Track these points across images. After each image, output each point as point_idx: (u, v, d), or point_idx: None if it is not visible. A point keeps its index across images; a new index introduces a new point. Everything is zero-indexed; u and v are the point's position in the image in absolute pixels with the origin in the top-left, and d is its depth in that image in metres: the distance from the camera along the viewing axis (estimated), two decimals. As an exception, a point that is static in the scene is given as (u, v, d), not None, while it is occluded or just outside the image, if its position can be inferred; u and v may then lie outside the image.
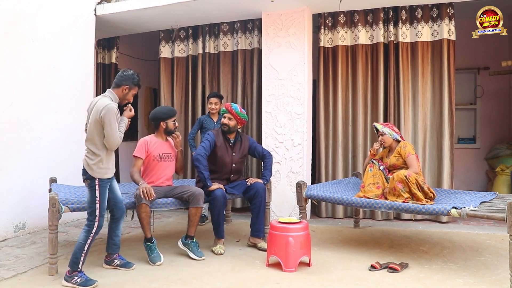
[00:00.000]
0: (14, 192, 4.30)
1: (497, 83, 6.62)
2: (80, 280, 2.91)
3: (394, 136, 3.97)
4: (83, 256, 2.96)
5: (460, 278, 3.04)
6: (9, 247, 3.93)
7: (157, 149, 3.76)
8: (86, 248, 2.97)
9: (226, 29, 5.73)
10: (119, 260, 3.33)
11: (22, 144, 4.41)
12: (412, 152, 3.81)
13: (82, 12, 5.20)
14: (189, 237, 3.64)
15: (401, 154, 3.85)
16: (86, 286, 2.89)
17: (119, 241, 3.35)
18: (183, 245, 3.67)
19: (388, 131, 3.97)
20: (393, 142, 3.99)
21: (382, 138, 4.01)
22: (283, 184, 5.08)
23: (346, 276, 3.13)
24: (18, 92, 4.39)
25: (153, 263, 3.41)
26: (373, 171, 3.88)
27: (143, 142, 3.75)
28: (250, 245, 3.94)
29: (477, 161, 6.74)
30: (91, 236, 2.98)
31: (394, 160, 3.89)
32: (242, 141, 4.05)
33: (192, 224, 3.60)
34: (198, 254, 3.57)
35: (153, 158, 3.74)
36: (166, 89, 6.06)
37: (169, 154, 3.83)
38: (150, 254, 3.47)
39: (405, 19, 5.02)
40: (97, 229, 2.99)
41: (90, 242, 2.99)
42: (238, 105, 3.97)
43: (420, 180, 3.52)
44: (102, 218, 3.02)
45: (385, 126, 4.02)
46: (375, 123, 4.13)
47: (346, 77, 5.27)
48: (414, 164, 3.75)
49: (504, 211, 2.88)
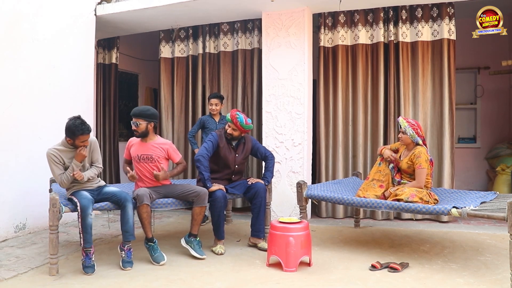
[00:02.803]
0: (14, 192, 4.30)
1: (497, 82, 6.62)
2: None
3: (415, 140, 3.72)
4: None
5: (461, 278, 3.04)
6: (10, 247, 3.93)
7: (136, 150, 3.73)
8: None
9: (226, 29, 5.73)
10: (125, 254, 3.34)
11: (22, 144, 4.41)
12: (424, 165, 3.59)
13: (82, 12, 5.19)
14: (193, 235, 3.66)
15: (413, 162, 3.68)
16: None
17: (129, 228, 3.34)
18: (186, 243, 3.68)
19: (411, 133, 3.68)
20: (411, 143, 3.77)
21: (402, 136, 3.76)
22: (284, 184, 5.08)
23: (346, 276, 3.12)
24: (18, 92, 4.39)
25: (157, 263, 3.41)
26: (382, 167, 3.84)
27: (127, 143, 3.86)
28: (251, 245, 3.93)
29: (477, 161, 6.74)
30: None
31: (406, 166, 3.75)
32: (245, 142, 4.05)
33: (195, 223, 3.63)
34: (199, 252, 3.59)
35: (134, 159, 3.75)
36: (166, 89, 6.05)
37: (148, 155, 3.68)
38: (153, 254, 3.47)
39: (405, 19, 5.01)
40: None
41: (81, 221, 3.19)
42: (243, 115, 3.84)
43: (424, 195, 3.47)
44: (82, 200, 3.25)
45: (410, 126, 3.69)
46: (401, 119, 3.77)
47: (346, 77, 5.27)
48: (421, 179, 3.60)
49: (504, 211, 2.87)
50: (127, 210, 3.36)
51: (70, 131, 3.29)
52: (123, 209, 3.38)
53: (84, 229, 3.17)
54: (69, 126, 3.29)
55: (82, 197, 3.25)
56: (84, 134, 3.31)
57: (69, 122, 3.31)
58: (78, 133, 3.28)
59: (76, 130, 3.28)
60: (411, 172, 3.74)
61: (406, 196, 3.45)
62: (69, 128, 3.29)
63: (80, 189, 3.38)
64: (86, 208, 3.18)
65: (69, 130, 3.29)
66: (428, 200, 3.45)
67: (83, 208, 3.17)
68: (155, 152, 3.70)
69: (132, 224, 3.37)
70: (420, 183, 3.61)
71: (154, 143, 3.73)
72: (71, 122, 3.30)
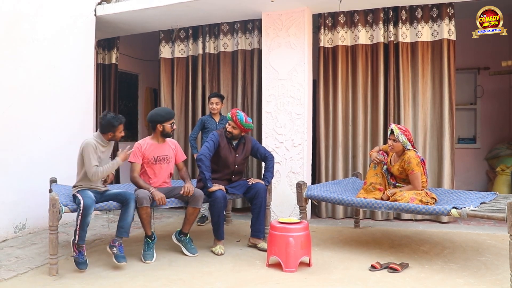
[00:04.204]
0: (14, 193, 4.30)
1: (497, 83, 6.62)
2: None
3: (406, 146, 3.71)
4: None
5: (461, 278, 3.04)
6: (10, 247, 3.92)
7: (152, 152, 3.75)
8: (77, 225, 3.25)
9: (226, 29, 5.73)
10: (117, 250, 3.33)
11: (22, 144, 4.41)
12: (416, 169, 3.60)
13: (82, 13, 5.20)
14: (183, 233, 3.69)
15: (404, 169, 3.69)
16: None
17: (126, 225, 3.38)
18: (177, 241, 3.72)
19: (403, 139, 3.67)
20: (401, 149, 3.75)
21: (393, 144, 3.72)
22: (284, 184, 5.08)
23: (346, 276, 3.12)
24: (18, 92, 4.39)
25: (143, 260, 3.45)
26: (377, 170, 3.84)
27: (138, 146, 3.76)
28: (250, 245, 3.93)
29: (477, 161, 6.74)
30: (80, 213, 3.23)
31: (397, 173, 3.76)
32: (245, 143, 4.05)
33: (187, 222, 3.66)
34: (191, 251, 3.64)
35: (148, 161, 3.74)
36: (166, 90, 6.05)
37: (165, 156, 3.79)
38: (145, 250, 3.51)
39: (405, 19, 5.01)
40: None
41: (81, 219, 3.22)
42: (243, 114, 3.86)
43: (423, 196, 3.48)
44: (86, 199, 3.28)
45: (402, 133, 3.69)
46: (393, 126, 3.75)
47: (346, 77, 5.27)
48: (416, 184, 3.61)
49: (504, 211, 2.87)
50: (129, 208, 3.40)
51: (110, 125, 3.44)
52: (125, 206, 3.42)
53: (81, 227, 3.21)
54: (109, 120, 3.43)
55: (87, 196, 3.29)
56: (122, 123, 3.51)
57: (105, 118, 3.44)
58: (117, 124, 3.45)
59: (115, 121, 3.44)
60: (404, 177, 3.75)
61: (406, 201, 3.46)
62: (109, 121, 3.43)
63: (87, 189, 3.43)
64: (89, 207, 3.22)
65: (110, 124, 3.44)
66: (427, 201, 3.45)
67: (86, 207, 3.21)
68: (169, 153, 3.84)
69: (129, 222, 3.40)
70: (417, 188, 3.62)
71: (166, 143, 3.85)
72: (108, 116, 3.44)
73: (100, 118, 3.50)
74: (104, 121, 3.44)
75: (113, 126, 3.44)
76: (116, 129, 3.47)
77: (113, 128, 3.45)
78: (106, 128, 3.46)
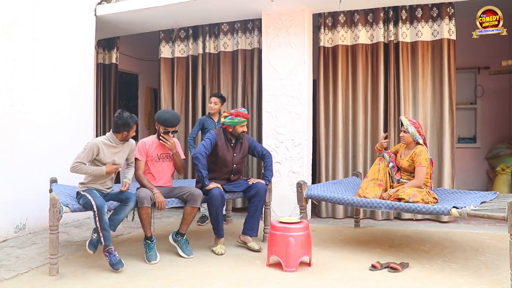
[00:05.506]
0: (14, 193, 4.30)
1: (498, 82, 6.61)
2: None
3: (416, 138, 3.75)
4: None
5: (461, 278, 3.04)
6: (10, 247, 3.93)
7: (155, 149, 3.78)
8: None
9: (226, 29, 5.73)
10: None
11: (22, 144, 4.41)
12: (424, 163, 3.63)
13: (82, 13, 5.20)
14: (180, 234, 3.68)
15: (414, 161, 3.71)
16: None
17: (115, 222, 3.38)
18: (173, 241, 3.71)
19: (412, 131, 3.73)
20: (412, 142, 3.81)
21: (403, 135, 3.79)
22: (284, 184, 5.08)
23: (346, 275, 3.12)
24: (18, 92, 4.39)
25: (148, 261, 3.43)
26: (381, 166, 3.85)
27: (141, 144, 3.78)
28: (240, 243, 3.90)
29: (477, 161, 6.74)
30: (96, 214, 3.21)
31: (406, 165, 3.78)
32: (243, 141, 4.05)
33: (185, 222, 3.65)
34: (186, 252, 3.62)
35: (151, 159, 3.75)
36: (166, 89, 6.06)
37: (168, 154, 3.83)
38: (147, 252, 3.49)
39: (405, 19, 5.01)
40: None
41: (99, 220, 3.19)
42: (234, 110, 3.93)
43: (424, 195, 3.49)
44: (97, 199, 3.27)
45: (411, 124, 3.75)
46: (402, 117, 3.85)
47: (346, 77, 5.27)
48: (420, 176, 3.63)
49: (504, 211, 2.87)
50: (127, 207, 3.41)
51: (125, 124, 3.43)
52: (123, 204, 3.42)
53: (102, 227, 3.19)
54: (126, 119, 3.42)
55: (96, 196, 3.29)
56: (136, 123, 3.51)
57: (122, 117, 3.42)
58: (133, 123, 3.47)
59: (130, 121, 3.44)
60: (412, 170, 3.76)
61: (408, 196, 3.46)
62: (126, 121, 3.42)
63: (93, 188, 3.44)
64: (102, 207, 3.21)
65: (125, 124, 3.43)
66: (428, 200, 3.46)
67: (99, 207, 3.20)
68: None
69: (120, 218, 3.40)
70: (420, 181, 3.63)
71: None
72: (125, 115, 3.43)
73: (115, 117, 3.46)
74: (120, 121, 3.42)
75: (128, 125, 3.44)
76: (130, 128, 3.47)
77: (128, 128, 3.45)
78: (121, 127, 3.44)
